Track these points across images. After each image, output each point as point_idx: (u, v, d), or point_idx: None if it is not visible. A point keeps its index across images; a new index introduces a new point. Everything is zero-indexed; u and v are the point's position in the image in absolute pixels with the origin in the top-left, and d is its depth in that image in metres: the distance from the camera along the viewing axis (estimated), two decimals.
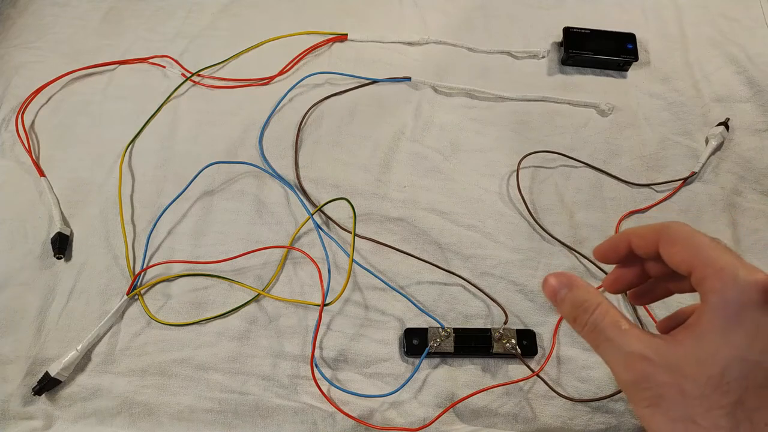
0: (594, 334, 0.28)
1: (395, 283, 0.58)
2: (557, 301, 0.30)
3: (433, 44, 0.74)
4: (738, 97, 0.70)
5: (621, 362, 0.27)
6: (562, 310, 0.30)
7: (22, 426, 0.51)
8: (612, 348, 0.27)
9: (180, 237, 0.60)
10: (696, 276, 0.26)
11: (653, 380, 0.25)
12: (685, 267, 0.27)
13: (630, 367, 0.26)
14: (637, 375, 0.26)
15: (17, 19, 0.74)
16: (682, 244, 0.27)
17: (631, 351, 0.26)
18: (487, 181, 0.64)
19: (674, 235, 0.28)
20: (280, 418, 0.52)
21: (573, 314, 0.29)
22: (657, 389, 0.25)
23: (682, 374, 0.25)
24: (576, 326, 0.29)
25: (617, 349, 0.27)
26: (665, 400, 0.25)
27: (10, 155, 0.64)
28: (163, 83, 0.69)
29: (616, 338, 0.27)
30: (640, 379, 0.26)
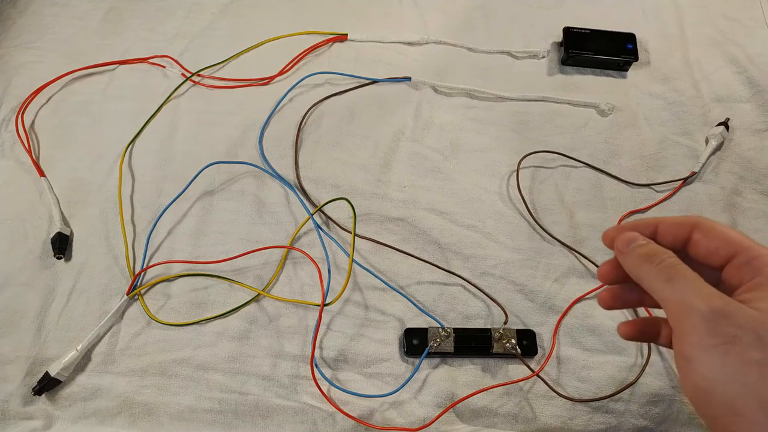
0: (671, 269, 0.28)
1: (395, 283, 0.58)
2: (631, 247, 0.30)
3: (433, 44, 0.74)
4: (738, 97, 0.70)
5: (699, 294, 0.26)
6: (637, 252, 0.30)
7: (22, 426, 0.51)
8: (689, 282, 0.27)
9: (180, 237, 0.60)
10: (739, 260, 0.28)
11: (733, 318, 0.25)
12: (723, 253, 0.29)
13: (709, 300, 0.26)
14: (717, 308, 0.25)
15: (17, 19, 0.74)
16: (719, 234, 0.29)
17: (711, 290, 0.27)
18: (487, 181, 0.64)
19: (709, 226, 0.30)
20: (280, 418, 0.52)
21: (648, 254, 0.29)
22: (734, 329, 0.25)
23: (757, 323, 0.25)
24: (648, 264, 0.29)
25: (696, 284, 0.27)
26: (741, 342, 0.25)
27: (10, 155, 0.64)
28: (163, 83, 0.69)
29: (695, 277, 0.27)
30: (719, 313, 0.25)
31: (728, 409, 0.25)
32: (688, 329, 0.26)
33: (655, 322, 0.34)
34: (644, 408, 0.53)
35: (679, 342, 0.27)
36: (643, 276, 0.29)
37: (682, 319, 0.26)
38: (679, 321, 0.27)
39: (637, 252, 0.30)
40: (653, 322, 0.34)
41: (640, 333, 0.34)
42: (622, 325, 0.34)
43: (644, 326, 0.34)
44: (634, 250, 0.30)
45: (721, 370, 0.25)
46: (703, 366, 0.25)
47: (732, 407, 0.25)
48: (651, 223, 0.32)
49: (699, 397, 0.26)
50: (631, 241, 0.30)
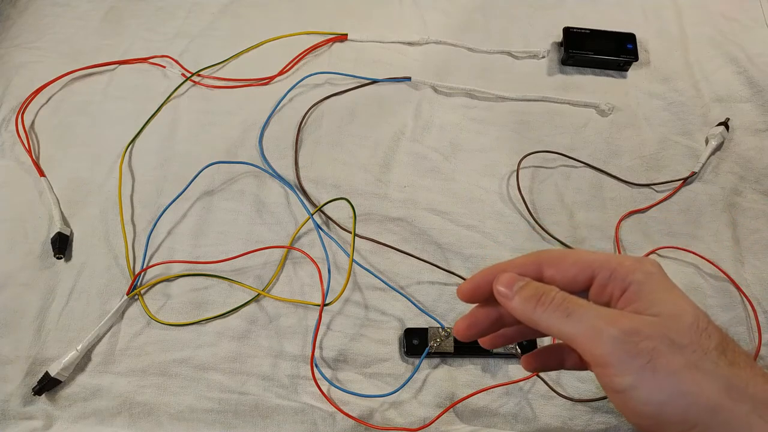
0: (566, 304, 0.26)
1: (395, 283, 0.58)
2: (513, 291, 0.28)
3: (433, 44, 0.74)
4: (738, 97, 0.70)
5: (604, 319, 0.25)
6: (523, 295, 0.28)
7: (22, 426, 0.51)
8: (588, 311, 0.26)
9: (180, 237, 0.60)
10: (600, 278, 0.27)
11: (643, 332, 0.24)
12: (582, 278, 0.28)
13: (616, 322, 0.25)
14: (627, 328, 0.24)
15: (17, 19, 0.74)
16: (570, 260, 0.28)
17: (610, 311, 0.26)
18: (487, 181, 0.64)
19: (557, 257, 0.29)
20: (280, 418, 0.52)
21: (537, 294, 0.27)
22: (650, 342, 0.24)
23: (664, 328, 0.24)
24: (540, 306, 0.27)
25: (596, 312, 0.26)
26: (661, 354, 0.24)
27: (10, 155, 0.64)
28: (163, 83, 0.69)
29: (590, 304, 0.26)
30: (631, 331, 0.24)
31: (683, 426, 0.24)
32: (608, 359, 0.25)
33: (556, 348, 0.33)
34: None
35: (604, 376, 0.25)
36: (538, 319, 0.27)
37: (598, 351, 0.25)
38: (594, 354, 0.25)
39: (523, 295, 0.28)
40: (554, 348, 0.33)
41: (544, 364, 0.33)
42: (524, 359, 0.33)
43: (547, 355, 0.33)
44: (519, 292, 0.28)
45: (661, 390, 0.24)
46: (642, 392, 0.24)
47: (686, 422, 0.24)
48: (496, 270, 0.30)
49: (650, 425, 0.25)
50: (511, 283, 0.28)
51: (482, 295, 0.31)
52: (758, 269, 0.60)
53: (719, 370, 0.24)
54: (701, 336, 0.24)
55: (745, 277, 0.60)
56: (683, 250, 0.61)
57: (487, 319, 0.31)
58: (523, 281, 0.28)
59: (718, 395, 0.23)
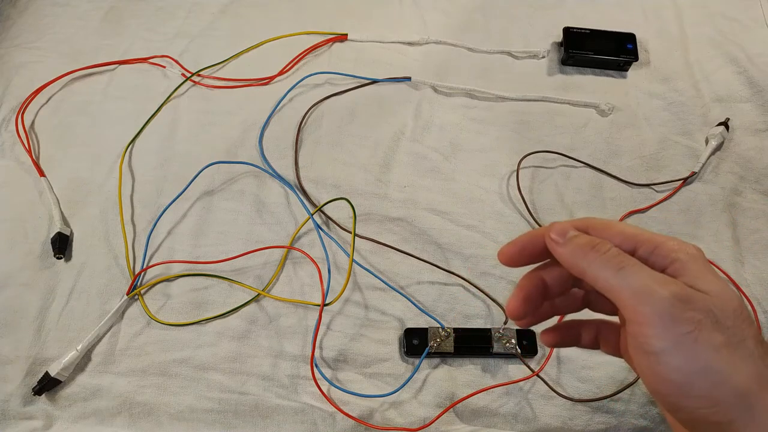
0: (620, 257, 0.26)
1: (395, 283, 0.58)
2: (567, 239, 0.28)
3: (433, 44, 0.74)
4: (738, 97, 0.70)
5: (657, 280, 0.25)
6: (577, 242, 0.27)
7: (22, 426, 0.51)
8: (643, 269, 0.25)
9: (180, 237, 0.60)
10: (641, 253, 0.27)
11: (693, 303, 0.24)
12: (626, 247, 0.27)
13: (668, 285, 0.25)
14: (678, 293, 0.24)
15: (17, 19, 0.74)
16: (615, 230, 0.28)
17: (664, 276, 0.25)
18: (487, 181, 0.64)
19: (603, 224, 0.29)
20: (280, 418, 0.52)
21: (591, 243, 0.27)
22: (697, 313, 0.24)
23: (712, 304, 0.24)
24: (593, 253, 0.27)
25: (649, 272, 0.25)
26: (704, 327, 0.24)
27: (10, 155, 0.64)
28: (163, 83, 0.69)
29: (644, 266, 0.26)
30: (682, 298, 0.24)
31: (705, 401, 0.24)
32: (651, 319, 0.24)
33: (575, 324, 0.33)
34: (644, 408, 0.53)
35: (641, 335, 0.25)
36: (588, 266, 0.27)
37: (643, 308, 0.24)
38: (638, 311, 0.25)
39: (578, 241, 0.27)
40: (573, 324, 0.33)
41: (562, 338, 0.33)
42: (544, 333, 0.33)
43: (565, 331, 0.33)
44: (572, 240, 0.28)
45: (695, 361, 0.24)
46: (676, 359, 0.24)
47: (710, 398, 0.24)
48: (540, 231, 0.30)
49: (671, 392, 0.25)
50: (565, 231, 0.28)
51: (526, 258, 0.31)
52: (758, 269, 0.60)
53: (754, 357, 0.24)
54: (743, 322, 0.25)
55: (745, 277, 0.60)
56: None
57: (537, 287, 0.31)
58: (577, 233, 0.28)
59: (749, 380, 0.23)
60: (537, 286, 0.31)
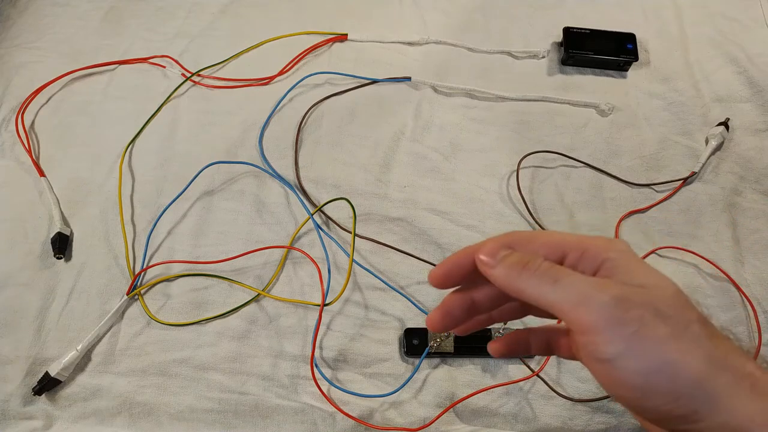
0: (553, 271, 0.26)
1: (395, 283, 0.58)
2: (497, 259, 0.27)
3: (433, 44, 0.74)
4: (738, 97, 0.70)
5: (594, 286, 0.25)
6: (507, 261, 0.27)
7: (22, 426, 0.51)
8: (578, 278, 0.25)
9: (180, 237, 0.60)
10: (571, 258, 0.27)
11: (632, 300, 0.24)
12: (554, 256, 0.27)
13: (606, 288, 0.24)
14: (617, 294, 0.24)
15: (17, 19, 0.74)
16: (540, 241, 0.28)
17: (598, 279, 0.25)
18: (487, 181, 0.64)
19: (526, 237, 0.28)
20: (280, 418, 0.52)
21: (522, 261, 0.27)
22: (637, 310, 0.24)
23: (651, 297, 0.24)
24: (526, 271, 0.26)
25: (584, 279, 0.25)
26: (647, 322, 0.23)
27: (10, 155, 0.64)
28: (163, 83, 0.69)
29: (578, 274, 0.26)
30: (621, 298, 0.24)
31: (666, 397, 0.24)
32: (596, 326, 0.24)
33: (522, 334, 0.32)
34: None
35: (591, 344, 0.24)
36: (523, 286, 0.26)
37: (586, 317, 0.24)
38: (582, 320, 0.24)
39: (509, 261, 0.27)
40: (520, 334, 0.32)
41: (509, 349, 0.32)
42: (491, 344, 0.33)
43: (513, 341, 0.32)
44: (503, 260, 0.27)
45: (647, 359, 0.23)
46: (629, 361, 0.24)
47: (670, 393, 0.23)
48: (466, 251, 0.29)
49: (632, 395, 0.24)
50: (495, 252, 0.28)
51: (455, 279, 0.30)
52: (758, 269, 0.60)
53: (702, 340, 0.24)
54: (684, 308, 0.25)
55: (745, 277, 0.60)
56: (683, 250, 0.61)
57: (461, 306, 0.30)
58: (507, 251, 0.28)
59: (702, 365, 0.23)
60: (461, 306, 0.30)
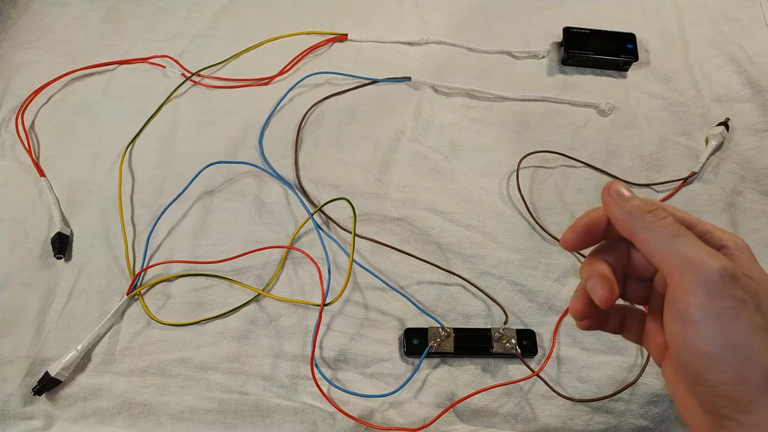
0: (676, 225, 0.26)
1: (395, 283, 0.58)
2: (624, 199, 0.28)
3: (433, 44, 0.74)
4: (738, 97, 0.70)
5: (710, 253, 0.25)
6: (635, 202, 0.27)
7: (22, 426, 0.51)
8: (698, 242, 0.26)
9: (180, 237, 0.60)
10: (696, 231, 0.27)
11: (740, 281, 0.24)
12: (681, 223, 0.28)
13: (720, 259, 0.25)
14: (728, 269, 0.24)
15: (17, 19, 0.74)
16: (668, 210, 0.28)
17: (717, 252, 0.25)
18: (487, 181, 0.64)
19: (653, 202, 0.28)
20: (280, 418, 0.52)
21: (649, 207, 0.27)
22: (741, 292, 0.24)
23: (757, 288, 0.25)
24: (650, 216, 0.27)
25: (703, 245, 0.25)
26: (746, 307, 0.24)
27: (10, 155, 0.64)
28: (163, 83, 0.69)
29: (698, 239, 0.26)
30: (731, 274, 0.24)
31: (732, 377, 0.24)
32: (697, 288, 0.24)
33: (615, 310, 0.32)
34: (644, 408, 0.53)
35: (682, 302, 0.25)
36: (642, 227, 0.27)
37: (691, 277, 0.25)
38: (685, 278, 0.25)
39: (636, 203, 0.27)
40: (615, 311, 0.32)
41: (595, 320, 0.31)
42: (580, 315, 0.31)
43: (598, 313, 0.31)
44: (630, 200, 0.28)
45: (731, 335, 0.24)
46: (711, 329, 0.24)
47: (737, 375, 0.24)
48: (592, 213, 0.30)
49: (699, 363, 0.25)
50: (623, 191, 0.28)
51: (589, 240, 0.30)
52: None
53: None
54: None
55: None
56: None
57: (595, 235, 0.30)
58: (634, 195, 0.28)
59: None
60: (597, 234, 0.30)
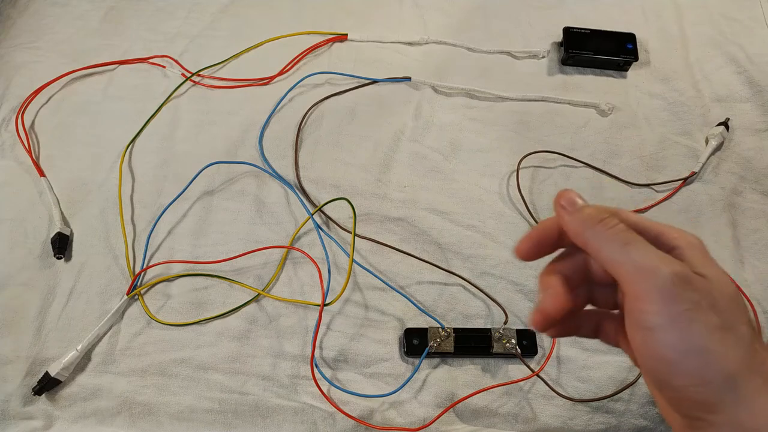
0: (626, 233, 0.26)
1: (395, 283, 0.58)
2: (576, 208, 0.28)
3: (433, 44, 0.74)
4: (738, 97, 0.70)
5: (661, 259, 0.25)
6: (586, 212, 0.28)
7: (22, 426, 0.51)
8: (648, 247, 0.26)
9: (180, 237, 0.60)
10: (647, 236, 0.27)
11: (692, 284, 0.25)
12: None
13: (671, 264, 0.25)
14: (679, 273, 0.25)
15: (17, 19, 0.74)
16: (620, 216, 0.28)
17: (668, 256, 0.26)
18: (487, 181, 0.64)
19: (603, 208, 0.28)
20: (280, 418, 0.52)
21: (600, 216, 0.27)
22: (696, 294, 0.24)
23: (710, 288, 0.25)
24: (600, 226, 0.27)
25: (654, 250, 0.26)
26: (701, 309, 0.24)
27: (10, 155, 0.64)
28: (163, 83, 0.69)
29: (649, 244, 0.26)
30: (683, 278, 0.24)
31: (694, 379, 0.24)
32: (651, 295, 0.25)
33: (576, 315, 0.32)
34: (644, 408, 0.53)
35: (638, 311, 0.25)
36: (593, 237, 0.27)
37: (645, 285, 0.25)
38: (637, 288, 0.25)
39: (586, 212, 0.28)
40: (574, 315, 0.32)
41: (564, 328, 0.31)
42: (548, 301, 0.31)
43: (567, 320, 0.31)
44: (581, 210, 0.28)
45: (689, 339, 0.24)
46: (670, 335, 0.24)
47: (699, 377, 0.24)
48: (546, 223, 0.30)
49: (662, 369, 0.25)
50: (574, 201, 0.28)
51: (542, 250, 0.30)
52: (758, 269, 0.60)
53: (745, 342, 0.25)
54: (738, 308, 0.25)
55: (745, 277, 0.60)
56: None
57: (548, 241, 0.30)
58: (586, 203, 0.28)
59: (738, 364, 0.24)
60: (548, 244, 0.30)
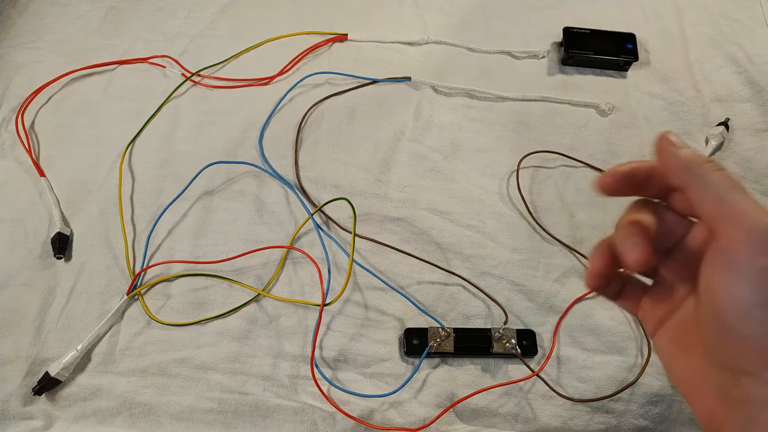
0: (734, 179, 0.26)
1: (395, 283, 0.58)
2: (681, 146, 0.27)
3: (433, 44, 0.74)
4: (738, 97, 0.70)
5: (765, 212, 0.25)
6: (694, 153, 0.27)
7: (22, 426, 0.51)
8: (753, 199, 0.25)
9: (180, 237, 0.60)
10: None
11: None
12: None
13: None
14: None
15: (17, 19, 0.74)
16: None
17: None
18: (487, 181, 0.64)
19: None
20: (280, 418, 0.52)
21: (708, 159, 0.27)
22: None
23: None
24: (709, 164, 0.26)
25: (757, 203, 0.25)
26: None
27: (10, 155, 0.64)
28: (163, 83, 0.69)
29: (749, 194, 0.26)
30: None
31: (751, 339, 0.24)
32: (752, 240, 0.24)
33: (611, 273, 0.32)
34: (644, 408, 0.53)
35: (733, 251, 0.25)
36: (702, 175, 0.26)
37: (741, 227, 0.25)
38: (741, 229, 0.25)
39: (694, 153, 0.27)
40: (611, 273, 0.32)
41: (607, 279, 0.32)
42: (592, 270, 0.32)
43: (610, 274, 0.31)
44: (685, 149, 0.27)
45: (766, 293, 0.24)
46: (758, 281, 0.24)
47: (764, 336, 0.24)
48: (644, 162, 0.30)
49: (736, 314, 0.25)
50: (676, 141, 0.27)
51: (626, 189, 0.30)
52: None
53: None
54: None
55: None
56: None
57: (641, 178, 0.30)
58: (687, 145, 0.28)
59: None
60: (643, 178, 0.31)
